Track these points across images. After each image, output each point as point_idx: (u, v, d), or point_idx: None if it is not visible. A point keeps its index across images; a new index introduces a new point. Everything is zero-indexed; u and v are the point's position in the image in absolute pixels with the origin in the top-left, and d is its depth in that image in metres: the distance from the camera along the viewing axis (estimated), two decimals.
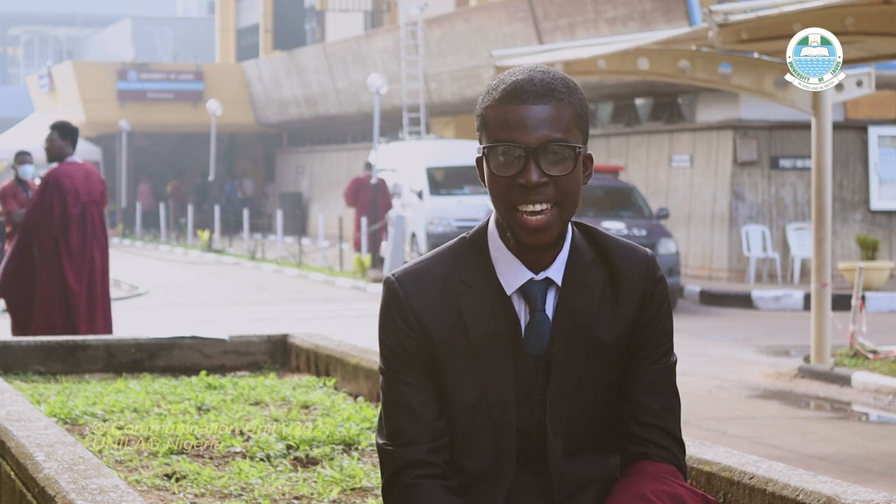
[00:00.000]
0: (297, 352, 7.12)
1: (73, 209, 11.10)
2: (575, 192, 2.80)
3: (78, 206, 11.12)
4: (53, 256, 11.03)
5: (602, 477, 2.91)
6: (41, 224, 11.05)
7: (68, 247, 11.06)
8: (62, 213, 11.04)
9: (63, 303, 11.03)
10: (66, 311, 11.03)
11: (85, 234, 11.17)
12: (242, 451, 5.00)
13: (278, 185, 44.78)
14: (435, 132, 32.44)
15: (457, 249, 2.91)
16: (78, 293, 11.05)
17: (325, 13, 40.14)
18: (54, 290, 11.01)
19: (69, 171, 11.15)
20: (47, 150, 11.17)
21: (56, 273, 11.02)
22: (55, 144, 11.13)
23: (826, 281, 13.12)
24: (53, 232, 11.04)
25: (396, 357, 2.88)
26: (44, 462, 3.96)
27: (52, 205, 11.03)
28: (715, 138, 23.60)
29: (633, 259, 2.92)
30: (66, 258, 11.03)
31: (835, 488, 3.52)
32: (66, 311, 11.03)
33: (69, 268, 11.02)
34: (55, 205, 11.02)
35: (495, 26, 27.95)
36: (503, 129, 2.77)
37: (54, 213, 11.02)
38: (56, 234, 11.06)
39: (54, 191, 11.04)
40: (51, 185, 11.06)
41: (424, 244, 24.31)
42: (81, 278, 11.10)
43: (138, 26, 57.86)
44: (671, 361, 2.96)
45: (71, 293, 11.01)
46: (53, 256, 11.03)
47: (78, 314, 11.03)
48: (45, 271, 11.04)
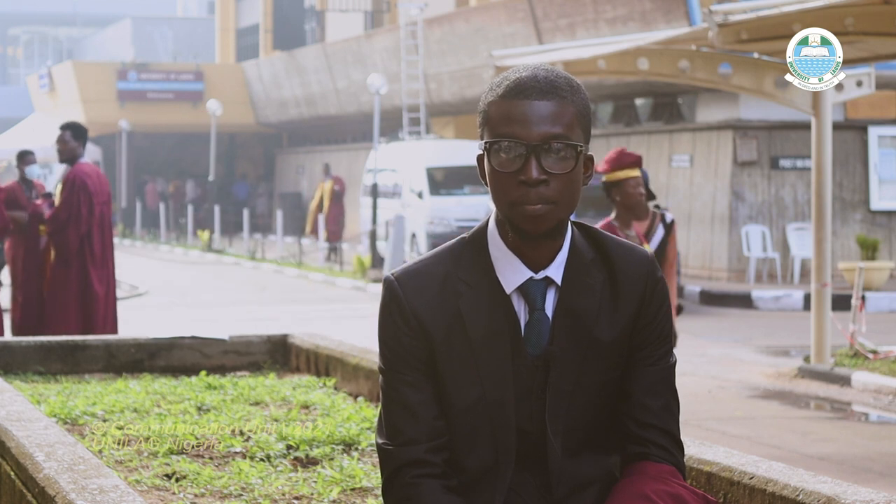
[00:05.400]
0: (297, 352, 7.12)
1: (95, 209, 11.09)
2: (575, 191, 2.80)
3: (98, 207, 11.12)
4: (77, 257, 10.95)
5: (601, 477, 2.91)
6: (70, 224, 10.95)
7: (91, 248, 11.02)
8: (89, 213, 11.00)
9: (82, 304, 10.95)
10: (84, 312, 10.95)
11: (103, 234, 11.17)
12: (242, 451, 5.00)
13: (278, 185, 44.78)
14: (435, 132, 32.44)
15: (456, 249, 2.91)
16: (99, 295, 11.02)
17: (325, 13, 40.15)
18: (73, 291, 10.91)
19: (87, 171, 11.13)
20: (60, 150, 11.07)
21: (79, 274, 10.93)
22: (68, 145, 11.02)
23: (826, 281, 13.12)
24: (81, 232, 10.97)
25: (396, 356, 2.88)
26: (44, 462, 3.96)
27: (80, 204, 10.96)
28: (715, 138, 23.60)
29: (633, 259, 2.92)
30: (90, 259, 10.99)
31: (835, 488, 3.52)
32: (85, 312, 10.95)
33: (92, 269, 10.97)
34: (83, 204, 10.96)
35: (495, 26, 27.95)
36: (505, 124, 2.77)
37: (82, 213, 10.97)
38: (83, 234, 11.01)
39: (81, 191, 10.97)
40: (77, 186, 10.98)
41: (424, 244, 24.32)
42: (102, 280, 11.08)
43: (138, 26, 57.87)
44: (670, 362, 2.96)
45: (93, 294, 10.97)
46: (77, 257, 10.95)
47: (96, 316, 10.97)
48: (63, 272, 10.93)
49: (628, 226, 7.64)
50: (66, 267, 10.96)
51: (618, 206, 7.65)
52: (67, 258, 10.96)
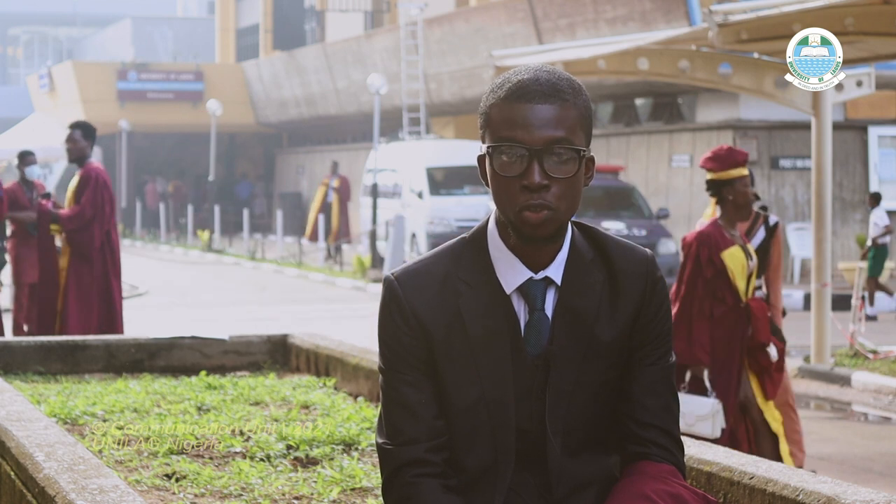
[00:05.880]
0: (297, 352, 7.12)
1: (114, 208, 11.10)
2: (576, 194, 2.79)
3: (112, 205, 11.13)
4: (100, 255, 10.91)
5: (601, 476, 2.91)
6: (94, 222, 10.89)
7: (111, 246, 11.00)
8: (111, 211, 10.98)
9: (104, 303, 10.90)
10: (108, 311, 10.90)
11: (116, 233, 11.17)
12: (242, 451, 5.00)
13: (278, 185, 44.78)
14: (435, 132, 32.44)
15: (456, 249, 2.91)
16: (117, 292, 11.01)
17: (325, 13, 40.15)
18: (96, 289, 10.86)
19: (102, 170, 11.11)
20: (69, 149, 10.98)
21: (100, 272, 10.89)
22: (78, 144, 10.94)
23: (826, 281, 13.12)
24: (104, 230, 10.94)
25: (396, 356, 2.88)
26: (44, 462, 3.96)
27: (103, 203, 10.92)
28: (715, 138, 23.60)
29: (633, 259, 2.92)
30: (110, 258, 10.97)
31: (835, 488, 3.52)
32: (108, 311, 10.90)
33: (111, 268, 10.96)
34: (106, 203, 10.93)
35: (495, 26, 27.95)
36: (507, 127, 2.76)
37: (105, 212, 10.93)
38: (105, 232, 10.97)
39: (104, 189, 10.94)
40: (100, 184, 10.93)
41: (424, 244, 24.32)
42: (118, 277, 11.08)
43: (138, 26, 57.85)
44: (670, 361, 2.95)
45: (113, 292, 10.95)
46: (100, 255, 10.91)
47: (117, 314, 10.95)
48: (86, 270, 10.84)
49: (734, 226, 7.46)
50: (88, 265, 10.85)
51: (727, 206, 7.42)
52: (90, 256, 10.86)
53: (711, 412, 7.15)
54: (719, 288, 7.32)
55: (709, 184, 7.55)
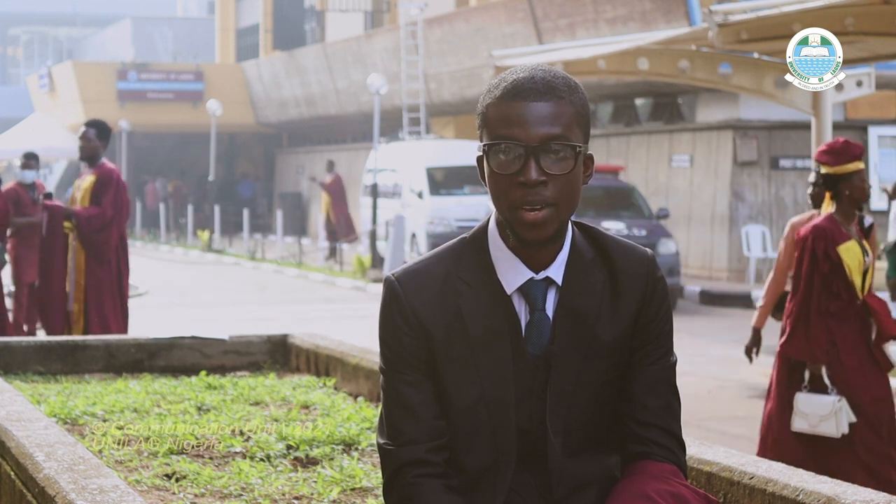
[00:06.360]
0: (297, 352, 7.12)
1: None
2: (574, 191, 2.79)
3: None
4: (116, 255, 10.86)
5: (602, 476, 2.91)
6: (114, 222, 10.84)
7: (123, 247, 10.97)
8: (127, 213, 10.95)
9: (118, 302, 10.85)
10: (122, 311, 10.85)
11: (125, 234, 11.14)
12: (242, 451, 5.00)
13: (278, 185, 44.79)
14: (435, 132, 32.44)
15: (457, 249, 2.91)
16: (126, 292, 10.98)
17: (325, 13, 40.15)
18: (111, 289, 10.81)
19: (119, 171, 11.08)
20: (82, 147, 10.80)
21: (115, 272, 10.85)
22: (92, 143, 10.78)
23: None
24: (121, 230, 10.90)
25: (396, 356, 2.88)
26: (44, 462, 3.96)
27: (123, 203, 10.88)
28: (715, 138, 23.60)
29: (634, 259, 2.92)
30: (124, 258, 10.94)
31: (835, 488, 3.52)
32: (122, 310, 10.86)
33: (124, 268, 10.94)
34: (124, 204, 10.89)
35: (495, 26, 27.95)
36: (504, 126, 2.76)
37: (123, 212, 10.89)
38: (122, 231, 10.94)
39: (124, 190, 10.90)
40: (120, 185, 10.87)
41: (424, 244, 24.32)
42: (128, 277, 11.05)
43: (138, 26, 57.86)
44: (671, 361, 2.95)
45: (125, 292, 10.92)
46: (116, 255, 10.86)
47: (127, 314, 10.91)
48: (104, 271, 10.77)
49: (850, 221, 7.18)
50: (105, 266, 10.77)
51: (844, 201, 7.13)
52: (107, 256, 10.76)
53: (833, 410, 6.97)
54: (835, 283, 7.08)
55: (824, 178, 7.22)
